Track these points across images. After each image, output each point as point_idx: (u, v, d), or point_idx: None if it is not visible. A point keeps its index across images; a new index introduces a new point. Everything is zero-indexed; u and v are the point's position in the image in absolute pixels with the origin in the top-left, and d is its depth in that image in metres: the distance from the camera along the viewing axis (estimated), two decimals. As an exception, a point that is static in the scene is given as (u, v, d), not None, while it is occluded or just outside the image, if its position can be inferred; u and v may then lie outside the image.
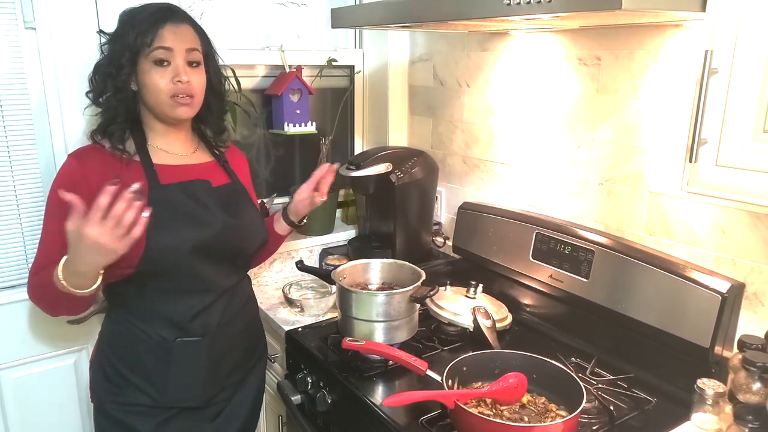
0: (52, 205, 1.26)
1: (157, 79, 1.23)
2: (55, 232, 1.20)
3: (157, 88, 1.24)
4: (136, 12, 1.26)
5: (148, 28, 1.22)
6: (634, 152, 1.40)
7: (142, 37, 1.21)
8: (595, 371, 1.34)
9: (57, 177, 1.27)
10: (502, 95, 1.73)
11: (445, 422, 1.15)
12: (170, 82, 1.24)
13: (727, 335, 1.22)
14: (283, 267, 1.96)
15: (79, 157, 1.27)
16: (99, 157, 1.26)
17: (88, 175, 1.23)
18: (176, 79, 1.23)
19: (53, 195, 1.25)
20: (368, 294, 1.44)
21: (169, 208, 1.25)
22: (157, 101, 1.26)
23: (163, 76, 1.23)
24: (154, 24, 1.22)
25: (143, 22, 1.23)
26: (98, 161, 1.25)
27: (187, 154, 1.36)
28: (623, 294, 1.36)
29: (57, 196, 1.22)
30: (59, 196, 1.13)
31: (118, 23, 1.27)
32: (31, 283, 1.27)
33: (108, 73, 1.25)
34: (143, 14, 1.24)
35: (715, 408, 1.12)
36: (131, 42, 1.22)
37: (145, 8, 1.26)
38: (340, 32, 2.14)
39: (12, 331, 1.63)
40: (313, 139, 2.05)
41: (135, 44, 1.22)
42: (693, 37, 1.24)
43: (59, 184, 1.24)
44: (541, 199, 1.66)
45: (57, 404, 1.73)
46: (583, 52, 1.48)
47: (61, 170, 1.27)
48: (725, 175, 0.94)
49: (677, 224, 1.34)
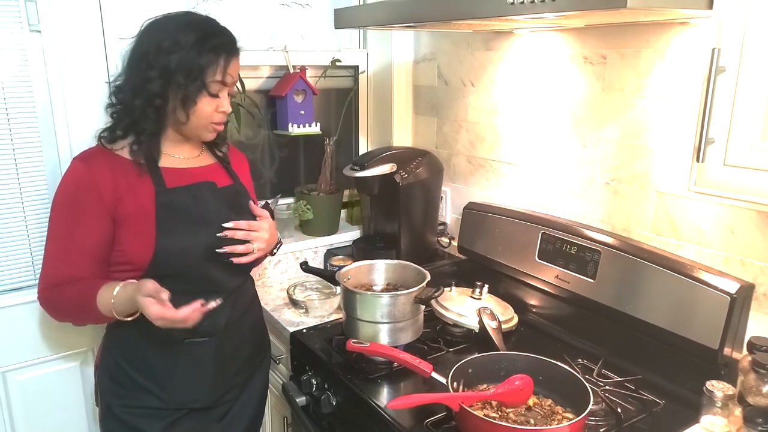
0: (66, 210, 1.24)
1: (205, 107, 1.24)
2: (77, 240, 1.21)
3: (204, 116, 1.25)
4: (206, 35, 1.21)
5: (220, 61, 1.22)
6: (641, 151, 1.38)
7: (212, 68, 1.21)
8: (602, 373, 1.33)
9: (65, 181, 1.26)
10: (507, 94, 1.72)
11: (450, 425, 1.15)
12: (215, 111, 1.26)
13: (736, 336, 1.20)
14: (288, 268, 1.96)
15: (87, 161, 1.25)
16: (107, 161, 1.25)
17: (99, 180, 1.22)
18: (220, 109, 1.27)
19: (65, 199, 1.24)
20: (372, 295, 1.43)
21: (177, 211, 1.26)
22: (197, 125, 1.26)
23: (210, 105, 1.25)
24: (226, 58, 1.22)
25: (217, 51, 1.21)
26: (107, 165, 1.24)
27: (192, 157, 1.36)
28: (630, 295, 1.34)
29: (72, 201, 1.22)
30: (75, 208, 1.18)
31: (181, 36, 1.19)
32: (52, 297, 1.26)
33: (162, 90, 1.20)
34: (216, 43, 1.21)
35: (724, 410, 1.11)
36: (201, 69, 1.20)
37: (215, 34, 1.23)
38: (344, 32, 2.13)
39: (18, 333, 1.63)
40: (318, 140, 2.05)
41: (204, 74, 1.20)
42: (700, 35, 1.23)
43: (69, 188, 1.24)
44: (546, 198, 1.65)
45: (63, 405, 1.73)
46: (589, 51, 1.46)
47: (69, 174, 1.26)
48: (733, 174, 0.93)
49: (685, 224, 1.32)
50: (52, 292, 1.26)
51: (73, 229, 1.23)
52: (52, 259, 1.26)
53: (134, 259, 1.23)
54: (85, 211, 1.22)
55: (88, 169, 1.24)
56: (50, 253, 1.26)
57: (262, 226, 1.34)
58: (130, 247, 1.24)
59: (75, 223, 1.23)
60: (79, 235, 1.23)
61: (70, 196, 1.24)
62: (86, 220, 1.22)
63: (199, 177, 1.33)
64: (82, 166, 1.25)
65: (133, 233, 1.23)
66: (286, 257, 1.95)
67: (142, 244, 1.23)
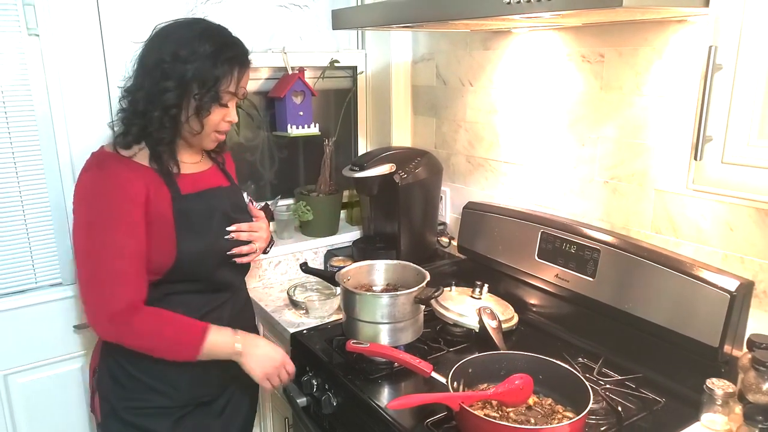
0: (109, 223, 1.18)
1: (214, 117, 1.24)
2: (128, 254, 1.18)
3: (212, 125, 1.25)
4: (222, 46, 1.21)
5: (234, 73, 1.22)
6: (640, 150, 1.38)
7: (226, 79, 1.21)
8: (603, 371, 1.33)
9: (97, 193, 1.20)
10: (505, 94, 1.72)
11: (450, 424, 1.15)
12: (222, 121, 1.26)
13: (736, 334, 1.20)
14: (288, 269, 1.96)
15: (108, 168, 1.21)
16: (127, 167, 1.23)
17: (130, 185, 1.20)
18: (227, 119, 1.27)
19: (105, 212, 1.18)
20: (372, 296, 1.43)
21: (192, 217, 1.27)
22: (204, 133, 1.26)
23: (219, 114, 1.25)
24: (239, 70, 1.23)
25: (231, 63, 1.21)
26: (128, 170, 1.22)
27: (195, 162, 1.37)
28: (630, 293, 1.34)
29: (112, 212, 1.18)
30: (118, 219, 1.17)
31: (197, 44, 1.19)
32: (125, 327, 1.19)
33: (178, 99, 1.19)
34: (231, 54, 1.22)
35: (724, 408, 1.11)
36: (216, 80, 1.19)
37: (230, 45, 1.23)
38: (342, 33, 2.13)
39: (20, 336, 1.64)
40: (317, 141, 2.05)
41: (218, 85, 1.20)
42: (698, 33, 1.23)
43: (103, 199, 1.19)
44: (546, 197, 1.65)
45: (64, 408, 1.74)
46: (587, 50, 1.46)
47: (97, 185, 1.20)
48: (731, 172, 0.93)
49: (684, 222, 1.32)
50: (121, 322, 1.18)
51: (116, 239, 1.18)
52: (103, 280, 1.17)
53: (155, 264, 1.24)
54: (123, 216, 1.19)
55: (109, 173, 1.21)
56: (99, 274, 1.18)
57: (261, 227, 1.42)
58: (152, 252, 1.23)
59: (117, 233, 1.18)
60: (124, 245, 1.18)
61: (102, 205, 1.19)
62: (126, 227, 1.19)
63: (206, 182, 1.35)
64: (101, 172, 1.21)
65: (155, 239, 1.23)
66: (286, 258, 1.95)
67: (164, 250, 1.23)
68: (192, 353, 1.22)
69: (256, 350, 1.29)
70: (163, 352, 1.23)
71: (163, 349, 1.23)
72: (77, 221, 1.22)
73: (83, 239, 1.20)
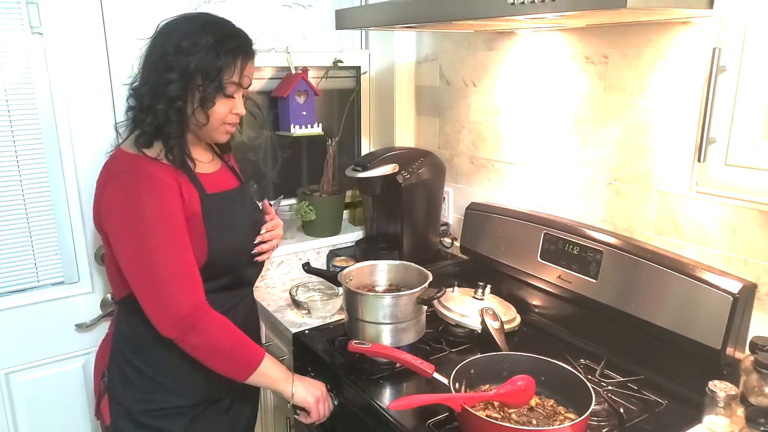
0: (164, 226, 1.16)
1: (221, 108, 1.23)
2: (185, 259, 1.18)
3: (219, 117, 1.25)
4: (224, 37, 1.21)
5: (238, 62, 1.21)
6: (643, 151, 1.38)
7: (229, 69, 1.20)
8: (605, 373, 1.33)
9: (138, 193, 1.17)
10: (509, 94, 1.72)
11: (452, 425, 1.15)
12: (229, 113, 1.26)
13: (739, 336, 1.20)
14: (290, 269, 1.96)
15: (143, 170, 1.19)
16: (155, 168, 1.20)
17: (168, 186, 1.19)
18: (234, 111, 1.27)
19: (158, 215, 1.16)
20: (375, 296, 1.43)
21: (219, 215, 1.28)
22: (211, 127, 1.26)
23: (226, 106, 1.24)
24: (243, 59, 1.22)
25: (235, 53, 1.21)
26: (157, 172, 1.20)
27: (209, 162, 1.37)
28: (633, 295, 1.34)
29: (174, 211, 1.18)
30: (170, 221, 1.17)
31: (200, 37, 1.19)
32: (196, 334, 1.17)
33: (183, 92, 1.19)
34: (234, 44, 1.21)
35: (726, 410, 1.11)
36: (220, 71, 1.19)
37: (232, 35, 1.23)
38: (346, 33, 2.13)
39: (21, 335, 1.64)
40: (320, 141, 2.05)
41: (222, 75, 1.19)
42: (702, 35, 1.22)
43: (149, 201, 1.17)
44: (549, 198, 1.65)
45: (66, 407, 1.74)
46: (590, 51, 1.46)
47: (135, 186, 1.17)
48: (735, 174, 0.93)
49: (687, 224, 1.32)
50: (189, 330, 1.16)
51: (172, 238, 1.17)
52: (165, 284, 1.15)
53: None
54: (172, 214, 1.18)
55: (148, 174, 1.18)
56: (159, 279, 1.15)
57: (279, 224, 1.48)
58: None
59: (172, 232, 1.17)
60: (181, 243, 1.18)
61: (151, 206, 1.16)
62: (178, 225, 1.18)
63: (224, 182, 1.36)
64: (140, 175, 1.18)
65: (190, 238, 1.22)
66: (289, 258, 1.95)
67: (197, 249, 1.23)
68: (247, 370, 1.23)
69: (306, 384, 1.32)
70: (220, 361, 1.21)
71: (221, 359, 1.21)
72: (118, 228, 1.18)
73: (131, 244, 1.17)
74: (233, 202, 1.34)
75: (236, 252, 1.33)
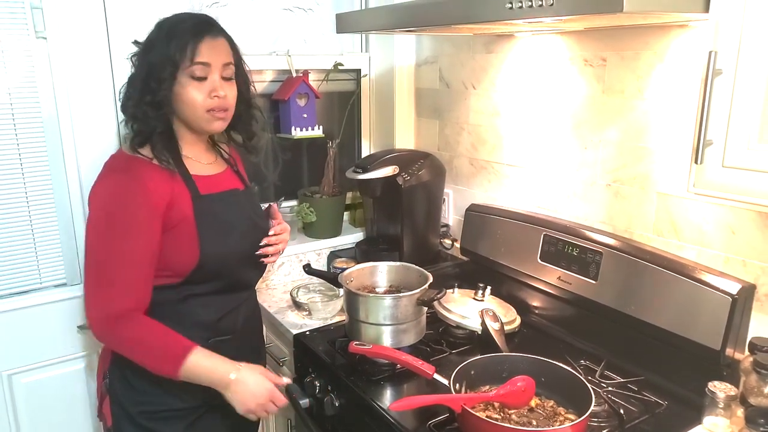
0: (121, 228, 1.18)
1: (195, 93, 1.23)
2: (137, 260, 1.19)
3: (194, 102, 1.23)
4: (174, 24, 1.23)
5: (188, 42, 1.21)
6: (642, 153, 1.39)
7: (182, 51, 1.20)
8: (605, 374, 1.33)
9: (112, 197, 1.20)
10: (508, 97, 1.73)
11: (452, 426, 1.15)
12: (207, 97, 1.24)
13: (738, 337, 1.20)
14: (291, 270, 1.97)
15: (128, 171, 1.22)
16: (147, 167, 1.22)
17: (150, 189, 1.19)
18: (213, 94, 1.24)
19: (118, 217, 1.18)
20: (375, 297, 1.44)
21: (213, 217, 1.28)
22: (194, 116, 1.25)
23: (200, 90, 1.23)
24: (193, 38, 1.21)
25: (183, 35, 1.21)
26: (149, 172, 1.22)
27: (210, 163, 1.37)
28: (632, 296, 1.35)
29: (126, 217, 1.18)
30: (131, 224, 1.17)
31: (155, 33, 1.24)
32: (116, 331, 1.20)
33: (147, 87, 1.21)
34: (182, 27, 1.22)
35: (726, 411, 1.11)
36: (171, 55, 1.20)
37: (183, 20, 1.24)
38: (346, 36, 2.14)
39: (24, 336, 1.65)
40: (321, 143, 2.06)
41: (174, 58, 1.20)
42: (699, 38, 1.23)
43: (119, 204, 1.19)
44: (548, 200, 1.65)
45: (68, 408, 1.75)
46: (589, 53, 1.47)
47: (114, 189, 1.21)
48: (732, 176, 0.93)
49: (686, 225, 1.32)
50: (115, 324, 1.20)
51: (132, 248, 1.19)
52: (110, 285, 1.19)
53: (178, 266, 1.24)
54: (142, 224, 1.19)
55: (134, 178, 1.20)
56: (106, 278, 1.19)
57: (286, 228, 1.47)
58: (175, 254, 1.23)
59: (134, 242, 1.19)
60: (138, 254, 1.19)
61: (122, 212, 1.19)
62: (143, 236, 1.19)
63: (223, 184, 1.35)
64: (125, 177, 1.21)
65: (178, 241, 1.23)
66: (290, 259, 1.96)
67: (187, 251, 1.24)
68: (172, 368, 1.19)
69: (245, 387, 1.24)
70: (145, 361, 1.22)
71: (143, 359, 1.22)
72: (94, 222, 1.21)
73: (98, 241, 1.20)
74: (229, 204, 1.33)
75: (230, 254, 1.31)
